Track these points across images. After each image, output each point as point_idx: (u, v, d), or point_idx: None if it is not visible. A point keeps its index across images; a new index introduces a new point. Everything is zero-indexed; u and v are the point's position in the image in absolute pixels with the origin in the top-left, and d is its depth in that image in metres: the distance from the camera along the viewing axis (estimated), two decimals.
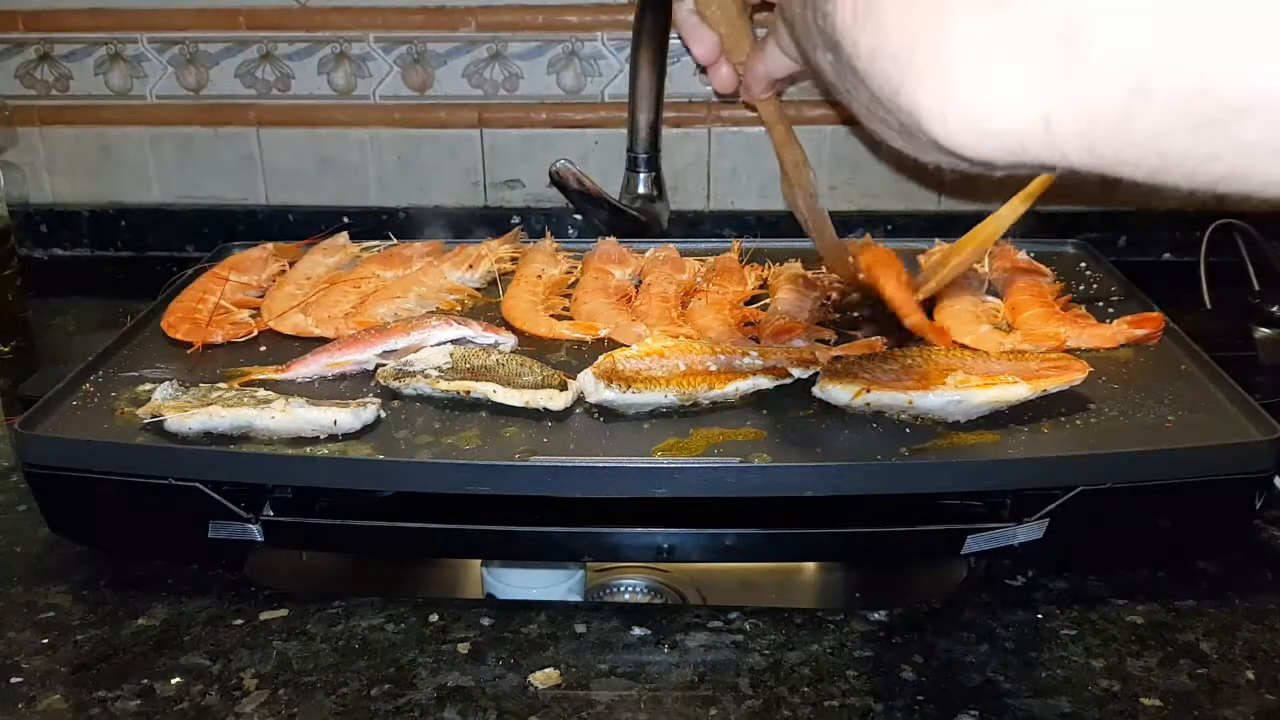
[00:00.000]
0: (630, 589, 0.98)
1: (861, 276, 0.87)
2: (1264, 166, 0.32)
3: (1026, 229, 1.16)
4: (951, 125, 0.36)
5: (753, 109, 0.79)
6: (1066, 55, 0.33)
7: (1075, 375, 0.74)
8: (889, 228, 1.19)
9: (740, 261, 1.00)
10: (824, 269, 0.95)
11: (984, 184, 1.19)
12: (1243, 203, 0.34)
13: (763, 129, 1.19)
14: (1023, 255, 0.99)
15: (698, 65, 0.83)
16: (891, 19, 0.37)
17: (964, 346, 0.83)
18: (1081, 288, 0.96)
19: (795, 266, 0.98)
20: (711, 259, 1.01)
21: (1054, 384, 0.73)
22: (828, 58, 0.43)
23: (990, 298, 0.92)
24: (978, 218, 1.14)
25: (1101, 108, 0.33)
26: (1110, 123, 0.33)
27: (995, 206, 1.14)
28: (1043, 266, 0.97)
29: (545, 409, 0.75)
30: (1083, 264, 1.01)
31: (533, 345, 0.87)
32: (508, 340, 0.86)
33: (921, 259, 0.97)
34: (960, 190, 1.20)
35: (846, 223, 1.19)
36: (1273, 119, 0.30)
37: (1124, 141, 0.33)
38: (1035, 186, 0.87)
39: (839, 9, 0.40)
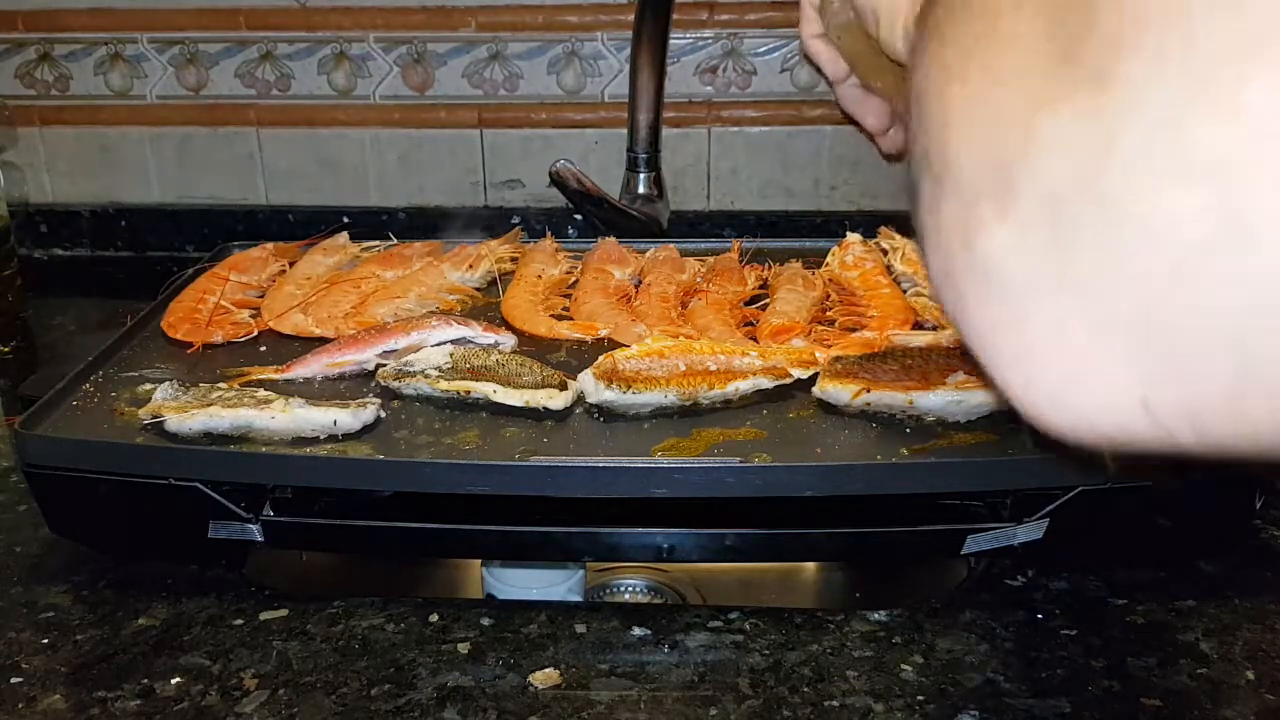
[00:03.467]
0: (630, 589, 0.98)
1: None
2: None
3: None
4: (1042, 412, 0.32)
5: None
6: (1171, 343, 0.28)
7: None
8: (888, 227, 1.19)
9: (740, 261, 1.00)
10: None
11: None
12: None
13: (763, 128, 1.20)
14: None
15: (869, 137, 0.79)
16: (970, 296, 0.32)
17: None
18: None
19: (795, 266, 0.98)
20: (711, 259, 1.01)
21: None
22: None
23: (919, 297, 0.91)
24: None
25: (1205, 389, 0.28)
26: (1218, 404, 0.28)
27: None
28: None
29: (545, 409, 0.75)
30: None
31: (533, 345, 0.87)
32: (508, 340, 0.86)
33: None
34: None
35: (847, 222, 1.19)
36: None
37: (1237, 422, 0.29)
38: None
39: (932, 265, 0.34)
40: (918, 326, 0.87)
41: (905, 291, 0.92)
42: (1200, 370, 0.28)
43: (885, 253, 1.00)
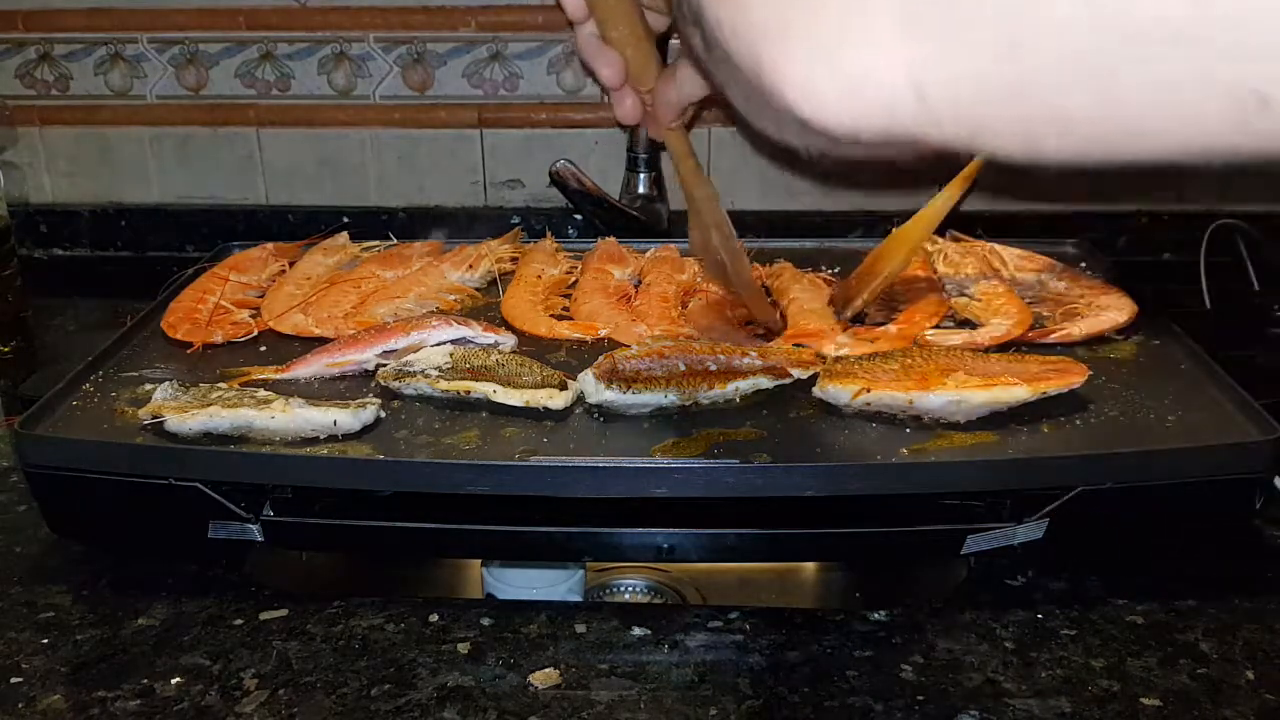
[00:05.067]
0: (630, 589, 0.98)
1: (780, 311, 0.86)
2: (1149, 112, 0.31)
3: (1026, 229, 1.17)
4: (816, 96, 0.35)
5: (661, 146, 0.74)
6: (940, 15, 0.32)
7: (1075, 379, 0.74)
8: (889, 227, 1.18)
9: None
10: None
11: (982, 180, 1.20)
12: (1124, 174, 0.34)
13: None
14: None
15: (602, 91, 0.78)
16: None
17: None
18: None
19: (786, 265, 0.98)
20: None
21: (1054, 386, 0.73)
22: (701, 47, 0.41)
23: (960, 297, 0.92)
24: (977, 216, 1.14)
25: (978, 67, 0.32)
26: (987, 81, 0.32)
27: (1002, 206, 1.15)
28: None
29: (545, 409, 0.75)
30: (1083, 264, 1.01)
31: (533, 345, 0.87)
32: (508, 340, 0.86)
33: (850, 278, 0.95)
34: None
35: (847, 222, 1.19)
36: (1165, 51, 0.29)
37: (1002, 99, 0.32)
38: (969, 170, 0.87)
39: None
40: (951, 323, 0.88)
41: (947, 292, 0.93)
42: (968, 43, 0.31)
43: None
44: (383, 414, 0.74)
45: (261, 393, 0.75)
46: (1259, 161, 0.32)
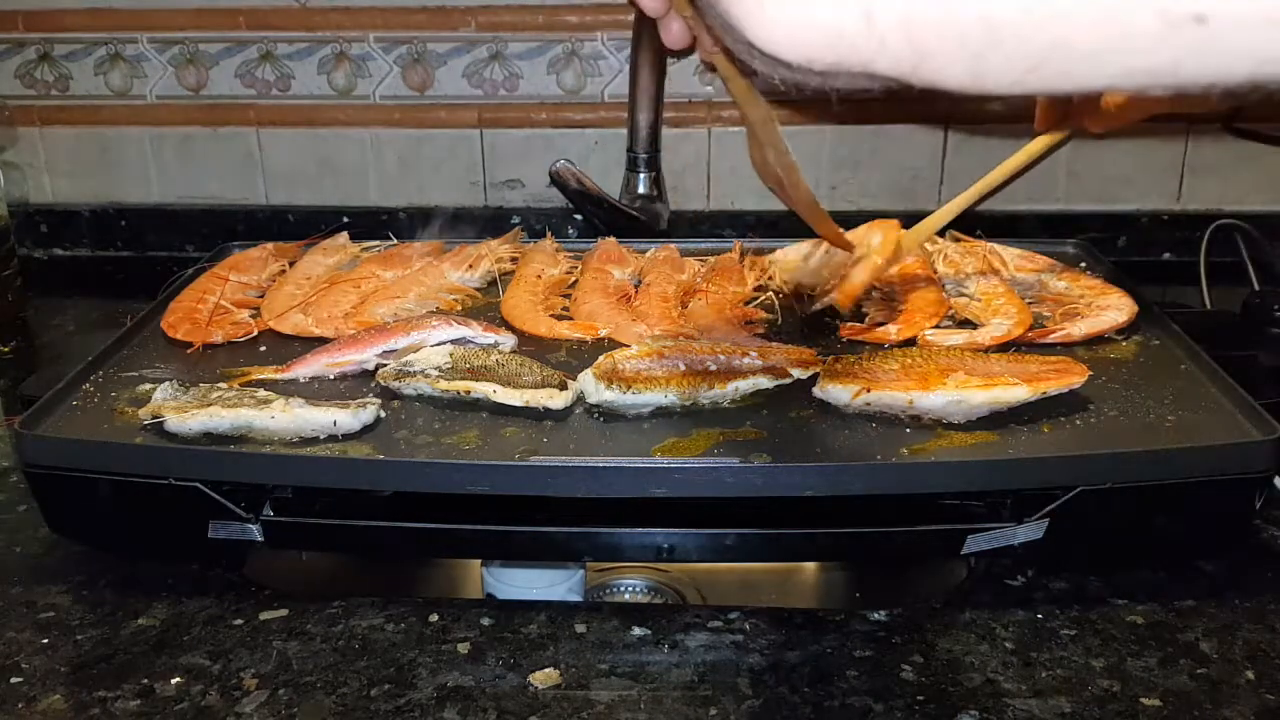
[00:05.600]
0: (630, 589, 0.98)
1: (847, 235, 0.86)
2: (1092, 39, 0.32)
3: (1027, 229, 1.17)
4: (769, 26, 0.36)
5: (712, 67, 0.76)
6: None
7: (1075, 379, 0.74)
8: None
9: (740, 261, 1.00)
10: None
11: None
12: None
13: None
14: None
15: (642, 17, 0.79)
16: None
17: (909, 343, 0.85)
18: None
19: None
20: (712, 259, 1.01)
21: (1054, 386, 0.73)
22: None
23: (960, 297, 0.92)
24: (977, 217, 1.14)
25: None
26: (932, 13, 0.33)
27: (1002, 206, 1.15)
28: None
29: (545, 409, 0.75)
30: (1083, 264, 1.01)
31: (533, 345, 0.87)
32: (508, 340, 0.86)
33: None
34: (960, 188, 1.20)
35: (847, 222, 1.19)
36: None
37: (943, 18, 0.33)
38: (1037, 145, 0.87)
39: None
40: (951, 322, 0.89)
41: (947, 292, 0.93)
42: None
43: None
44: (383, 414, 0.74)
45: (261, 393, 0.75)
46: (1196, 86, 0.32)
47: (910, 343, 0.85)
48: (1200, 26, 0.30)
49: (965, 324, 0.88)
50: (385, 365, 0.80)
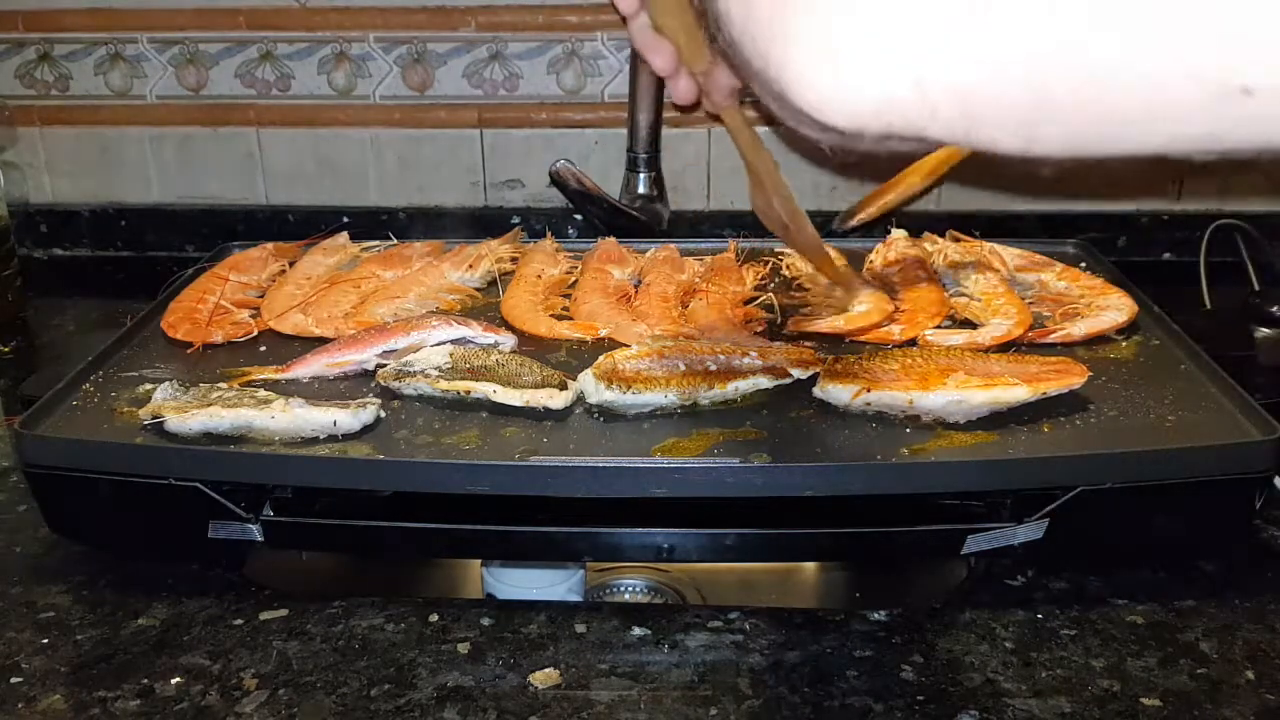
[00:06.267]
0: (630, 589, 0.98)
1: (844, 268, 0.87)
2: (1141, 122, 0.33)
3: (1026, 229, 1.17)
4: (820, 94, 0.36)
5: (718, 119, 0.76)
6: (938, 12, 0.33)
7: (1075, 379, 0.74)
8: (888, 228, 1.19)
9: (738, 261, 1.00)
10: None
11: (982, 180, 1.20)
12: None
13: (763, 128, 1.19)
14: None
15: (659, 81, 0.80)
16: None
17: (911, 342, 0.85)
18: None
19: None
20: (709, 258, 1.01)
21: (1054, 387, 0.73)
22: (719, 38, 0.43)
23: (960, 297, 0.93)
24: (977, 217, 1.15)
25: (981, 66, 0.33)
26: (990, 80, 0.33)
27: (1002, 206, 1.15)
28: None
29: (545, 409, 0.75)
30: (1083, 264, 1.01)
31: (533, 345, 0.87)
32: (508, 340, 0.86)
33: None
34: (960, 188, 1.20)
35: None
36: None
37: (999, 94, 0.33)
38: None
39: None
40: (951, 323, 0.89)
41: (947, 291, 0.93)
42: (979, 52, 0.33)
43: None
44: (383, 414, 0.74)
45: (261, 393, 0.75)
46: (1244, 152, 0.32)
47: (910, 343, 0.85)
48: (1247, 98, 0.31)
49: (965, 324, 0.88)
50: (385, 365, 0.80)
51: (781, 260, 1.00)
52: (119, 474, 0.70)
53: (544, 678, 0.61)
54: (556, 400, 0.74)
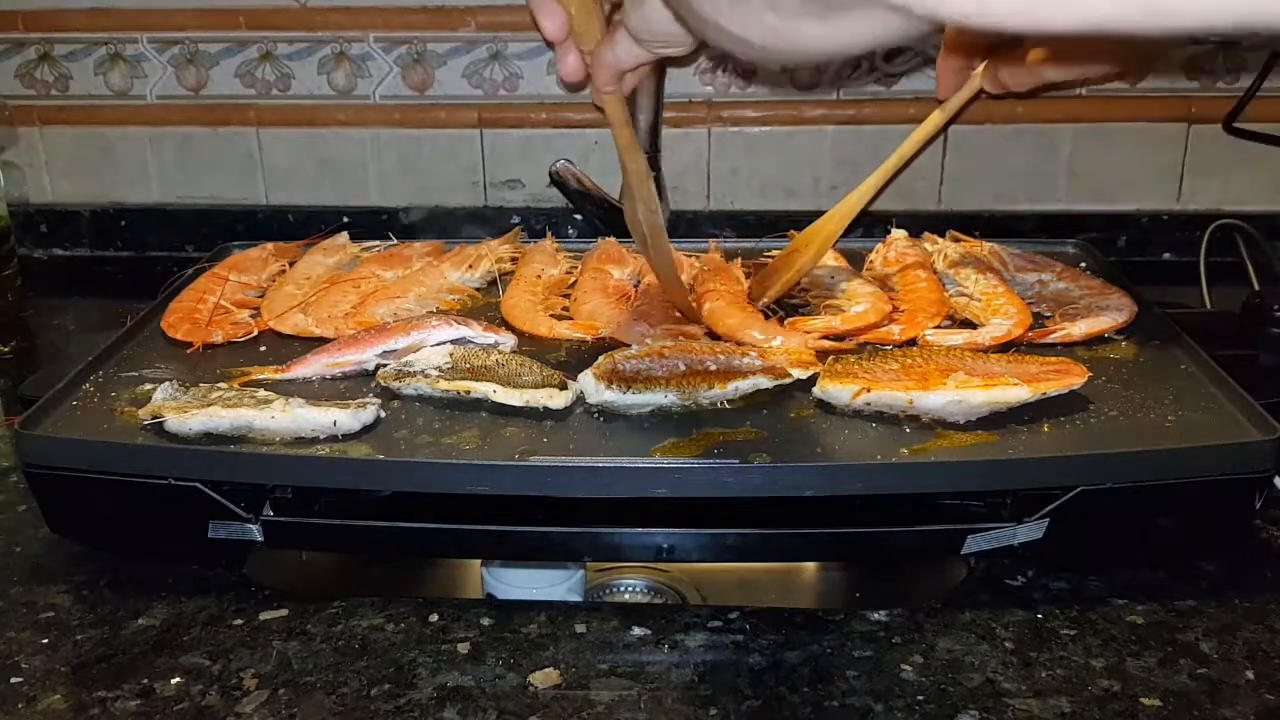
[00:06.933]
0: (630, 589, 0.98)
1: (691, 299, 0.88)
2: None
3: (1027, 229, 1.17)
4: None
5: (601, 110, 0.74)
6: None
7: (1075, 379, 0.74)
8: (888, 227, 1.19)
9: (725, 260, 1.00)
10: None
11: (982, 180, 1.20)
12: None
13: (762, 128, 1.19)
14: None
15: (546, 43, 0.77)
16: None
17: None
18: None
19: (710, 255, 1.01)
20: (698, 261, 1.01)
21: (1054, 387, 0.73)
22: None
23: (960, 297, 0.93)
24: (977, 217, 1.15)
25: None
26: None
27: (1002, 206, 1.15)
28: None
29: (545, 409, 0.75)
30: (1083, 264, 1.01)
31: (533, 345, 0.87)
32: (508, 340, 0.86)
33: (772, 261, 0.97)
34: (960, 188, 1.20)
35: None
36: None
37: None
38: (884, 169, 0.90)
39: None
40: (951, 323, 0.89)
41: (947, 291, 0.93)
42: None
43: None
44: (383, 414, 0.74)
45: (261, 393, 0.75)
46: (1199, 30, 0.32)
47: (910, 343, 0.85)
48: None
49: (965, 324, 0.88)
50: (385, 365, 0.80)
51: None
52: (119, 474, 0.70)
53: (544, 678, 0.61)
54: (556, 400, 0.74)
